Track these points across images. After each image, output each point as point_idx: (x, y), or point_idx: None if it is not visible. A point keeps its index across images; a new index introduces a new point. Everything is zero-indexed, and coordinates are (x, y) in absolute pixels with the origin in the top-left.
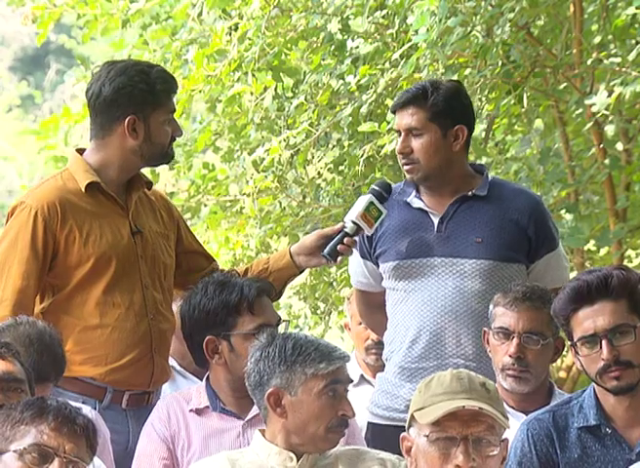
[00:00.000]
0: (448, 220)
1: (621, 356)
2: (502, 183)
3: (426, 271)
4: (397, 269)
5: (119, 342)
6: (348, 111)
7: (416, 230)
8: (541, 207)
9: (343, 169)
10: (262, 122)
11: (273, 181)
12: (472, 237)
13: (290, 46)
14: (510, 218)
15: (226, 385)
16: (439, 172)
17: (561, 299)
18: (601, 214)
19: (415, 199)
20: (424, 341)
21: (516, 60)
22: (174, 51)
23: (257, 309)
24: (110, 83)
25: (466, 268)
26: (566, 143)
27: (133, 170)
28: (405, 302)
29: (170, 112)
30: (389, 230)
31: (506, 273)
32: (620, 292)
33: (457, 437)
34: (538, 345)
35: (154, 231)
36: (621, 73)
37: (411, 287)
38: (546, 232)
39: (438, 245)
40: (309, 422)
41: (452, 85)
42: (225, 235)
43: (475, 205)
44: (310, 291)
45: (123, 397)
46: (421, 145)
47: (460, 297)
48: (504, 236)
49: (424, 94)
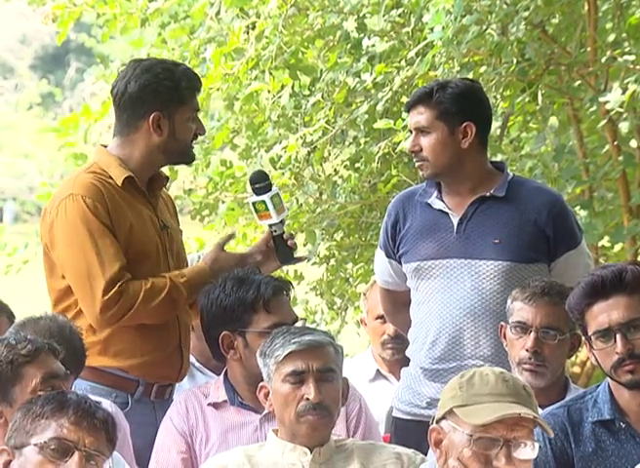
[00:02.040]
0: (467, 222)
1: (636, 350)
2: (522, 182)
3: (446, 272)
4: (418, 270)
5: (152, 336)
6: (364, 109)
7: (436, 231)
8: (560, 204)
9: (359, 166)
10: (279, 120)
11: (290, 178)
12: (490, 238)
13: (307, 44)
14: (528, 218)
15: (242, 380)
16: (449, 169)
17: (576, 294)
18: (615, 211)
19: (436, 200)
20: (444, 343)
21: (531, 58)
22: (192, 49)
23: (273, 307)
24: (136, 80)
25: (485, 270)
26: (580, 141)
27: (156, 166)
28: (426, 303)
29: (194, 110)
30: (411, 231)
31: (525, 273)
32: (635, 286)
33: (500, 440)
34: (555, 340)
35: (174, 228)
36: (635, 71)
37: (431, 288)
38: (566, 230)
39: (457, 246)
40: (283, 411)
41: (463, 83)
42: (243, 231)
43: (494, 205)
44: (327, 286)
45: (152, 389)
46: (429, 143)
47: (478, 299)
48: (523, 236)
49: (431, 92)
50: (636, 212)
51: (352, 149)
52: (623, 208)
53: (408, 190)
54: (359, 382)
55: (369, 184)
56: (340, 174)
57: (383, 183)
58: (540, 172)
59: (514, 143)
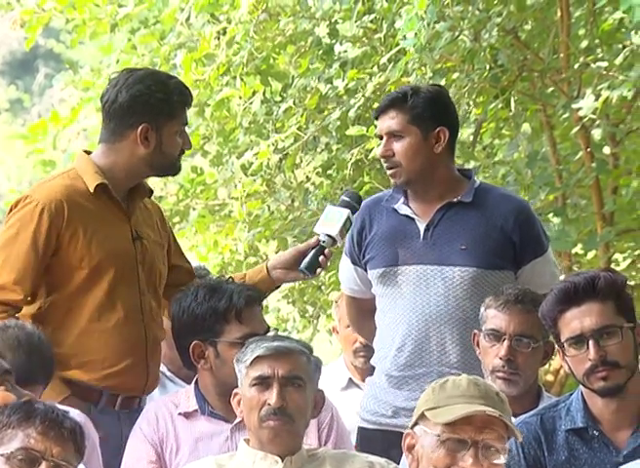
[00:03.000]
0: (434, 227)
1: (608, 356)
2: (489, 189)
3: (412, 278)
4: (384, 276)
5: (116, 347)
6: (337, 115)
7: (402, 237)
8: (527, 211)
9: (332, 173)
10: (251, 126)
11: (262, 185)
12: (457, 244)
13: (278, 50)
14: (495, 224)
15: (213, 390)
16: (421, 175)
17: (548, 301)
18: (588, 218)
19: (402, 205)
20: (410, 349)
21: (504, 65)
22: (162, 55)
23: (245, 318)
24: (128, 90)
25: (451, 276)
26: (553, 147)
27: (139, 177)
28: (392, 310)
29: (182, 124)
30: (377, 237)
31: (492, 280)
32: (607, 293)
33: (468, 441)
34: (528, 348)
35: (152, 239)
36: (608, 77)
37: (397, 294)
38: (532, 237)
39: (424, 252)
40: (249, 416)
41: (433, 88)
42: (214, 239)
43: (461, 212)
44: (299, 294)
45: (117, 400)
46: (402, 148)
47: (444, 305)
48: (489, 243)
49: (404, 97)
50: (609, 219)
51: (324, 156)
52: (596, 215)
53: (374, 196)
54: (331, 391)
55: (341, 191)
56: (312, 180)
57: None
58: (513, 178)
59: (487, 150)
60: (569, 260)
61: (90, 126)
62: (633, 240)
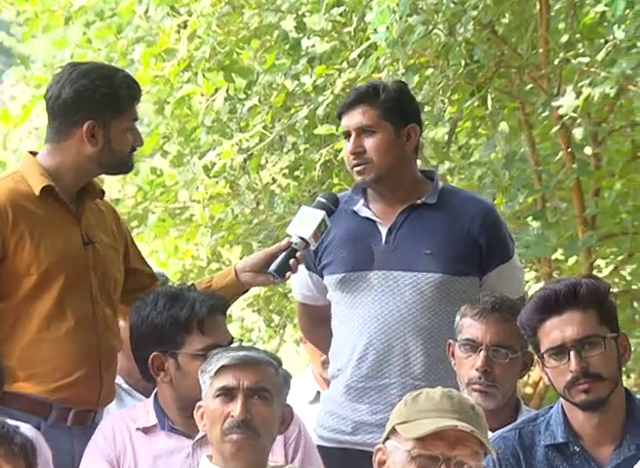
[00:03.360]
0: (396, 231)
1: (591, 368)
2: (454, 191)
3: (374, 285)
4: (343, 282)
5: (67, 358)
6: (304, 113)
7: (363, 241)
8: (494, 214)
9: (299, 174)
10: (213, 125)
11: (225, 187)
12: (422, 249)
13: (242, 45)
14: (461, 228)
15: (173, 403)
16: (391, 172)
17: (528, 309)
18: (569, 222)
19: (362, 207)
20: (372, 360)
21: (480, 60)
22: (119, 50)
23: (207, 328)
24: (71, 85)
25: (416, 282)
26: (532, 147)
27: (88, 177)
28: (351, 317)
29: (132, 120)
30: (335, 241)
31: (458, 287)
32: (589, 301)
33: (439, 457)
34: (506, 359)
35: (105, 243)
36: (590, 73)
37: (357, 301)
38: (499, 241)
39: (386, 257)
40: (211, 429)
41: (398, 85)
42: (174, 244)
43: (425, 214)
44: (264, 302)
45: (69, 415)
46: (374, 144)
47: (408, 313)
48: (455, 247)
49: (375, 91)
50: (591, 223)
51: (291, 156)
52: (578, 218)
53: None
54: (299, 404)
55: (309, 194)
56: (279, 182)
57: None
58: (490, 180)
59: (462, 150)
60: (549, 267)
61: (42, 124)
62: (616, 245)
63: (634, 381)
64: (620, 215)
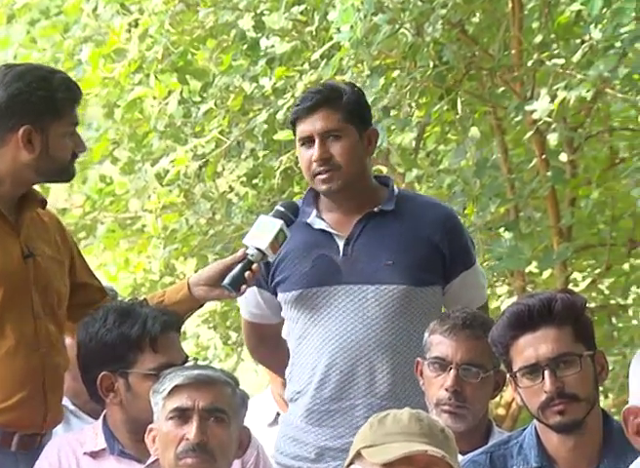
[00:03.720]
0: (354, 242)
1: (566, 388)
2: (411, 196)
3: (333, 300)
4: (300, 299)
5: (8, 379)
6: (263, 118)
7: (319, 254)
8: (454, 219)
9: (258, 182)
10: (167, 130)
11: (179, 196)
12: (382, 259)
13: (197, 45)
14: (421, 235)
15: (123, 426)
16: (357, 178)
17: (500, 325)
18: (543, 233)
19: (316, 219)
20: (335, 380)
21: (449, 62)
22: (66, 50)
23: (160, 346)
24: (5, 89)
25: (378, 295)
26: (505, 154)
27: (26, 186)
28: (310, 336)
29: (72, 124)
30: (290, 255)
31: (422, 298)
32: (565, 317)
33: None
34: (477, 378)
35: (47, 256)
36: (565, 76)
37: (316, 319)
38: (461, 247)
39: (345, 270)
40: (164, 453)
41: (352, 87)
42: (125, 257)
43: (383, 222)
44: (221, 318)
45: (13, 439)
46: (342, 148)
47: (371, 329)
48: (417, 256)
49: (337, 93)
50: (567, 234)
51: (249, 163)
52: (553, 229)
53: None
54: (257, 427)
55: (268, 203)
56: (236, 191)
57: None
58: (460, 189)
59: (431, 157)
60: (522, 280)
61: None
62: (593, 257)
63: (612, 402)
64: (597, 226)
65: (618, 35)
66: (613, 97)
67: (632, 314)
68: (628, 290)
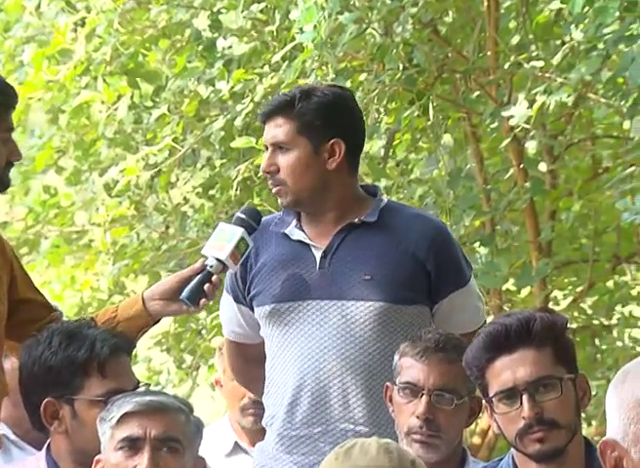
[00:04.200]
0: (332, 255)
1: (545, 414)
2: (398, 208)
3: (306, 316)
4: (273, 315)
5: None
6: (220, 124)
7: (295, 267)
8: (444, 234)
9: (214, 193)
10: (116, 137)
11: (129, 208)
12: (360, 274)
13: (149, 45)
14: (405, 250)
15: (68, 457)
16: (312, 195)
17: (474, 347)
18: (522, 248)
19: (294, 230)
20: (306, 404)
21: (420, 64)
22: (7, 51)
23: (109, 371)
24: None
25: (354, 312)
26: (480, 163)
27: None
28: (282, 355)
29: (7, 130)
30: (265, 267)
31: (403, 317)
32: (545, 338)
33: None
34: (451, 405)
35: None
36: (544, 79)
37: (288, 336)
38: (450, 265)
39: (321, 284)
40: None
41: (331, 90)
42: (71, 274)
43: (364, 235)
44: (174, 340)
45: None
46: (288, 163)
47: (346, 348)
48: (399, 272)
49: (291, 101)
50: (547, 249)
51: (206, 173)
52: (531, 244)
53: (261, 220)
54: (214, 457)
55: (226, 215)
56: (191, 203)
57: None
58: (433, 200)
59: (401, 166)
60: (499, 299)
61: None
62: (575, 274)
63: (595, 429)
64: (579, 241)
65: (600, 36)
66: (595, 102)
67: (617, 335)
68: (613, 309)
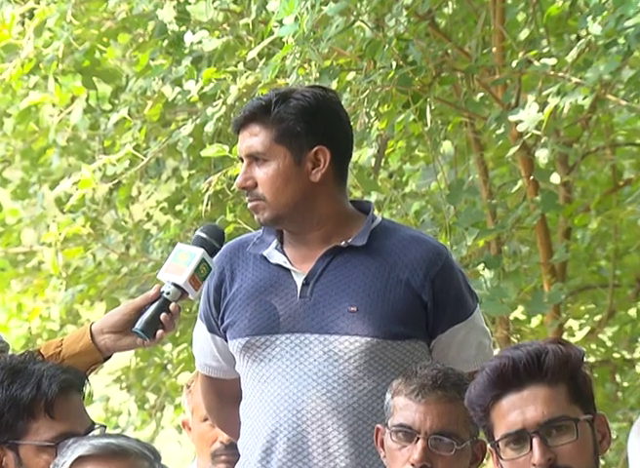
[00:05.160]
0: (314, 281)
1: (559, 460)
2: (393, 228)
3: (284, 352)
4: (247, 349)
5: None
6: (188, 130)
7: (273, 295)
8: (443, 258)
9: (182, 209)
10: (69, 145)
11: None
12: (345, 304)
13: (106, 40)
14: (399, 278)
15: None
16: (294, 211)
17: (478, 384)
18: (532, 271)
19: (274, 252)
20: (282, 450)
21: (416, 62)
22: None
23: (58, 412)
24: None
25: (337, 348)
26: (484, 174)
27: None
28: (257, 395)
29: None
30: (240, 294)
31: (394, 354)
32: (558, 373)
33: None
34: (451, 451)
35: None
36: (557, 79)
37: (264, 373)
38: (451, 295)
39: (301, 316)
40: None
41: (314, 91)
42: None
43: (352, 260)
44: (136, 376)
45: None
46: (266, 176)
47: (326, 389)
48: (390, 303)
49: (267, 106)
50: (560, 272)
51: (171, 186)
52: (543, 266)
53: (237, 239)
54: None
55: None
56: (155, 219)
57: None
58: (430, 217)
59: (394, 178)
60: (506, 329)
61: None
62: (593, 301)
63: None
64: (597, 263)
65: (621, 30)
66: (616, 104)
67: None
68: (635, 341)
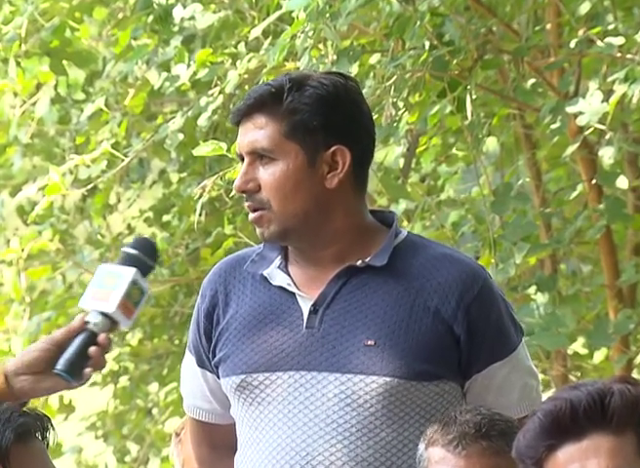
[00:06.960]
0: (324, 309)
1: None
2: (421, 244)
3: (287, 394)
4: (243, 389)
5: None
6: (178, 124)
7: (274, 324)
8: (482, 282)
9: (170, 219)
10: (34, 142)
11: (52, 240)
12: (361, 337)
13: (79, 15)
14: (426, 305)
15: None
16: (304, 223)
17: (529, 432)
18: (595, 295)
19: (276, 271)
20: None
21: (454, 42)
22: None
23: (16, 463)
24: None
25: (351, 390)
26: (537, 178)
27: None
28: (255, 445)
29: None
30: (236, 323)
31: (419, 398)
32: (625, 419)
33: None
34: None
35: None
36: (626, 62)
37: (263, 418)
38: (490, 327)
39: (308, 350)
40: None
41: (331, 78)
42: None
43: (370, 282)
44: (115, 423)
45: None
46: (272, 178)
47: (336, 439)
48: (414, 335)
49: (278, 93)
50: (629, 296)
51: (158, 191)
52: (608, 290)
53: (233, 256)
54: None
55: (186, 250)
56: (138, 232)
57: (211, 248)
58: (471, 229)
59: (428, 182)
60: (563, 365)
61: None
62: None
63: None
64: None
65: None
66: None
67: None
68: None
